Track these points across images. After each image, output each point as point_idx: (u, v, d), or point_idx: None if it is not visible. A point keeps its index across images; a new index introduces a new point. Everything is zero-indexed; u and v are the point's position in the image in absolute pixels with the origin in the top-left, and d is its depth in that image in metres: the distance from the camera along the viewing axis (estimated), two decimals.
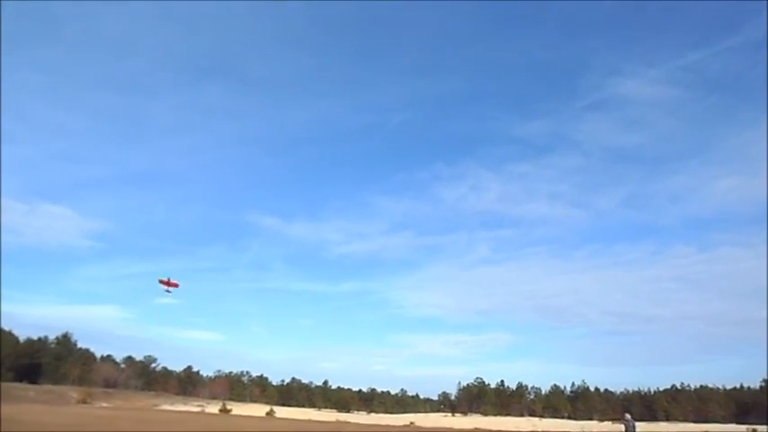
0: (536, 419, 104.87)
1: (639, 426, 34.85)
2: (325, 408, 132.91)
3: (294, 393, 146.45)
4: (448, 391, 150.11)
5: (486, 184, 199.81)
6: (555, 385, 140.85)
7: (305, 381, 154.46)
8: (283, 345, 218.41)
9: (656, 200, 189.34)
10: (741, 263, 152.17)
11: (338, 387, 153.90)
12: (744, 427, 75.50)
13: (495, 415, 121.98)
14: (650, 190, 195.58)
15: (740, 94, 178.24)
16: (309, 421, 55.14)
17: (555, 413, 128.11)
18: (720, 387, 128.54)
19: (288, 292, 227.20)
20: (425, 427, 59.46)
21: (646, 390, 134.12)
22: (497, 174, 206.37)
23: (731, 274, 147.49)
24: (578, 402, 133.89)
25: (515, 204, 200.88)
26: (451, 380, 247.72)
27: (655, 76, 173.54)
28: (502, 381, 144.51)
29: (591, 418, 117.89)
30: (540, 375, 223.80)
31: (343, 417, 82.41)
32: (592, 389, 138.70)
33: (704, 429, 77.17)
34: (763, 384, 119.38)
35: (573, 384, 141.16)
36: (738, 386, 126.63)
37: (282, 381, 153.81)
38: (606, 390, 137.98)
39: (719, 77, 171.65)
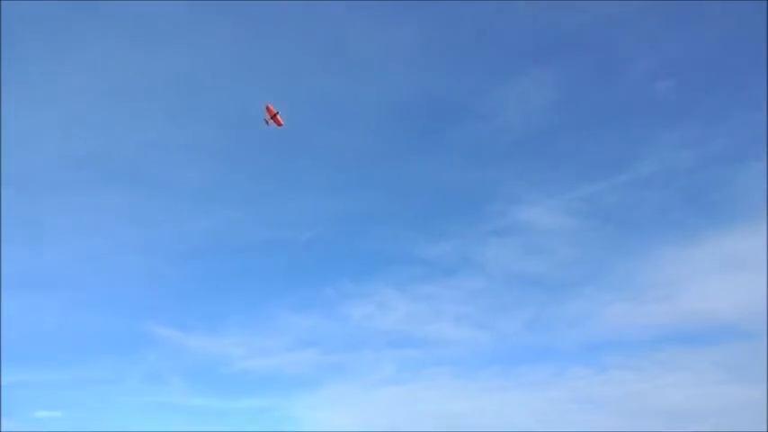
0: None
1: None
2: None
3: None
4: None
5: (394, 303, 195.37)
6: None
7: None
8: None
9: (555, 323, 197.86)
10: (633, 384, 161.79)
11: None
12: None
13: None
14: (550, 314, 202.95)
15: (631, 225, 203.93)
16: None
17: None
18: None
19: (184, 407, 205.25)
20: None
21: None
22: (404, 293, 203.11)
23: (624, 394, 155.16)
24: None
25: (421, 324, 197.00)
26: None
27: (554, 205, 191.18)
28: None
29: None
30: None
31: None
32: None
33: None
34: None
35: None
36: None
37: None
38: None
39: (614, 209, 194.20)
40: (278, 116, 55.06)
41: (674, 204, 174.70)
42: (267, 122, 55.53)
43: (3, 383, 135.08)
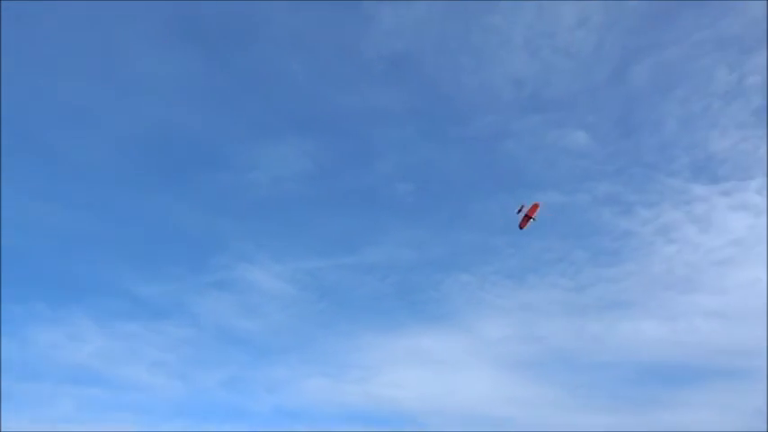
0: None
1: None
2: None
3: None
4: None
5: (88, 335, 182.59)
6: None
7: None
8: None
9: (253, 386, 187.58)
10: None
11: None
12: None
13: None
14: (251, 375, 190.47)
15: (346, 305, 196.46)
16: None
17: None
18: None
19: None
20: None
21: None
22: (103, 327, 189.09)
23: None
24: None
25: (114, 363, 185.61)
26: None
27: (280, 271, 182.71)
28: None
29: None
30: None
31: None
32: None
33: None
34: None
35: None
36: None
37: None
38: None
39: (333, 287, 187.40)
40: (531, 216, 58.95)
41: (386, 294, 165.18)
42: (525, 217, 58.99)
43: None
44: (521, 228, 59.83)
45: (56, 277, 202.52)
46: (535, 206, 59.17)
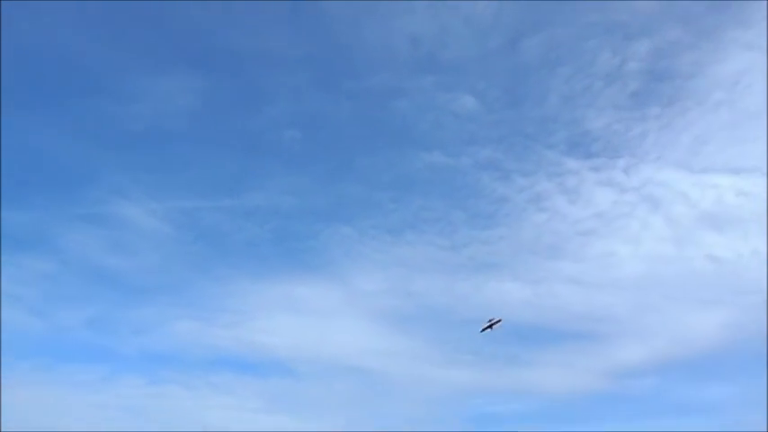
0: None
1: None
2: None
3: None
4: None
5: None
6: None
7: None
8: None
9: (120, 326, 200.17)
10: (183, 401, 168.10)
11: None
12: None
13: None
14: (118, 316, 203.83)
15: (221, 249, 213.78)
16: None
17: None
18: None
19: None
20: None
21: None
22: None
23: (173, 410, 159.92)
24: None
25: None
26: None
27: (156, 209, 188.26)
28: None
29: None
30: None
31: None
32: None
33: None
34: None
35: None
36: None
37: None
38: None
39: (210, 230, 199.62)
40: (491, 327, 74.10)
41: (264, 240, 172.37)
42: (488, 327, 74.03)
43: None
44: (482, 330, 74.31)
45: None
46: (499, 321, 73.64)
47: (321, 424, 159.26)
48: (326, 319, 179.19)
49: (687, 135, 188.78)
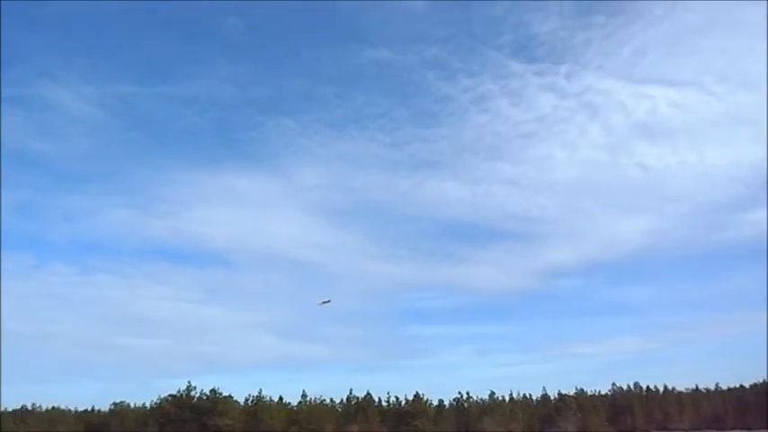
0: None
1: None
2: None
3: None
4: None
5: None
6: None
7: None
8: None
9: (49, 213, 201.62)
10: (117, 291, 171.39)
11: None
12: None
13: None
14: (46, 202, 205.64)
15: (158, 136, 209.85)
16: None
17: None
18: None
19: None
20: None
21: None
22: None
23: (105, 299, 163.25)
24: None
25: None
26: None
27: (89, 93, 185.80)
28: None
29: None
30: None
31: None
32: None
33: None
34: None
35: None
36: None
37: None
38: None
39: (146, 116, 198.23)
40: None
41: (204, 130, 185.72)
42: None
43: None
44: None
45: None
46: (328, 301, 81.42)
47: (258, 315, 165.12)
48: (266, 212, 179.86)
49: (628, 46, 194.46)
